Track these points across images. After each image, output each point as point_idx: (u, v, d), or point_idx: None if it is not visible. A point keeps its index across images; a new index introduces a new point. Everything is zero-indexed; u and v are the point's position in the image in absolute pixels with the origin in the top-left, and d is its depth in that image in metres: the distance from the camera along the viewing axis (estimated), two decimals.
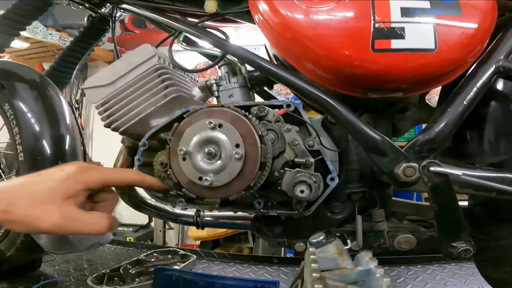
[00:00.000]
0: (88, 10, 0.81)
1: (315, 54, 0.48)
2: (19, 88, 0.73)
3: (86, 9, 0.76)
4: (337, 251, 0.35)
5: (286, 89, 2.15)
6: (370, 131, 0.46)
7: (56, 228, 0.42)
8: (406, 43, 0.44)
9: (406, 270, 0.97)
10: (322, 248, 0.39)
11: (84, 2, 0.74)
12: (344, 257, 0.33)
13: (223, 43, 0.58)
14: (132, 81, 0.60)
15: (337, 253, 0.35)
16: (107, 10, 0.80)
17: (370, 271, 0.29)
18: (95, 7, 0.77)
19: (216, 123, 0.47)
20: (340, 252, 0.35)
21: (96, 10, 0.78)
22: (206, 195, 0.49)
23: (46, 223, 0.42)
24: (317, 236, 0.40)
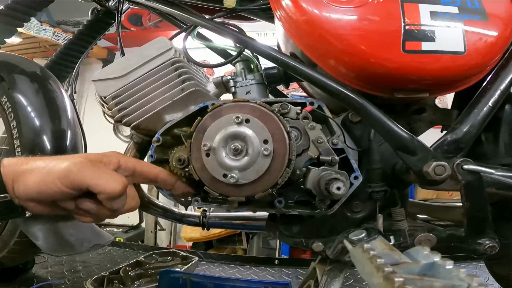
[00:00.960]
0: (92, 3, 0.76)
1: (343, 53, 0.47)
2: (19, 81, 0.67)
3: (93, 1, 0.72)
4: (387, 247, 0.34)
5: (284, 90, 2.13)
6: (400, 129, 0.45)
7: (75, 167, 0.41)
8: (436, 45, 0.45)
9: None
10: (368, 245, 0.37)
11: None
12: (398, 252, 0.31)
13: (244, 39, 0.55)
14: (147, 74, 0.56)
15: (389, 249, 0.33)
16: (114, 3, 0.76)
17: (434, 265, 0.27)
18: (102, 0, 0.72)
19: (243, 118, 0.45)
20: (391, 248, 0.33)
21: (103, 3, 0.73)
22: (230, 193, 0.46)
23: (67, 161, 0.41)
24: (358, 234, 0.38)
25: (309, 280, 0.71)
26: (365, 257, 0.30)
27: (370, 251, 0.30)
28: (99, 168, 0.43)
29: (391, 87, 0.48)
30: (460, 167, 0.41)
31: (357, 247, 0.34)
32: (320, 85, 0.50)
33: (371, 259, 0.28)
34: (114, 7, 0.73)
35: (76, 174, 0.41)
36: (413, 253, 0.30)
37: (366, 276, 0.29)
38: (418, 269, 0.27)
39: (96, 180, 0.41)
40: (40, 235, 0.68)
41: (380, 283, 0.25)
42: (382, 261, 0.27)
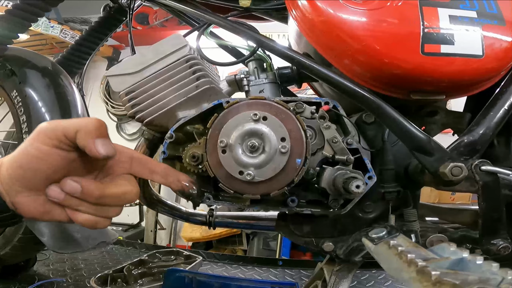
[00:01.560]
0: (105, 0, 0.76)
1: (361, 53, 0.48)
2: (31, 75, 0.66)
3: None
4: (411, 244, 0.33)
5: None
6: (416, 130, 0.45)
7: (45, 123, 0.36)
8: (455, 48, 0.45)
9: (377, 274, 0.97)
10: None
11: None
12: (423, 249, 0.31)
13: (260, 38, 0.55)
14: (162, 70, 0.56)
15: (413, 246, 0.33)
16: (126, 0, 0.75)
17: (463, 260, 0.27)
18: None
19: (260, 115, 0.44)
20: (415, 245, 0.33)
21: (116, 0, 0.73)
22: (245, 190, 0.46)
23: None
24: (378, 232, 0.38)
25: (316, 280, 0.71)
26: (392, 253, 0.29)
27: (398, 247, 0.29)
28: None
29: (408, 88, 0.48)
30: (478, 168, 0.41)
31: (382, 244, 0.34)
32: (336, 85, 0.49)
33: (399, 254, 0.28)
34: (126, 4, 0.73)
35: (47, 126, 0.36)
36: (438, 250, 0.29)
37: (394, 272, 0.29)
38: (447, 264, 0.27)
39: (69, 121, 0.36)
40: (46, 232, 0.67)
41: (413, 277, 0.25)
42: (413, 256, 0.27)
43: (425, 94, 0.47)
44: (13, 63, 0.66)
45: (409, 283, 0.26)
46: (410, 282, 0.26)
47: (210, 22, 0.61)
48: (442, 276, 0.23)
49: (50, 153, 0.36)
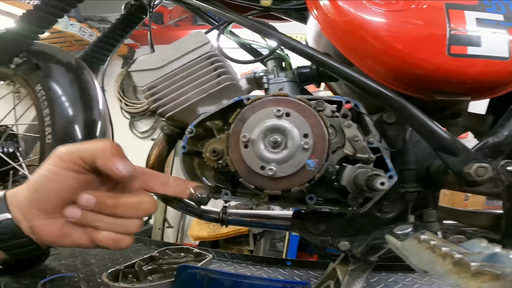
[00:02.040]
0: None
1: (385, 54, 0.48)
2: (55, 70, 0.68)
3: None
4: (440, 240, 0.33)
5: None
6: (441, 130, 0.44)
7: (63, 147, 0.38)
8: (482, 50, 0.45)
9: (387, 277, 0.95)
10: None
11: None
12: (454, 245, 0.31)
13: (281, 37, 0.55)
14: (184, 66, 0.57)
15: (442, 241, 0.32)
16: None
17: (496, 255, 0.26)
18: None
19: (284, 111, 0.44)
20: (444, 241, 0.33)
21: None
22: (266, 186, 0.46)
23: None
24: (404, 228, 0.37)
25: (328, 280, 0.70)
26: (424, 248, 0.29)
27: (430, 241, 0.29)
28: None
29: (432, 89, 0.48)
30: (505, 168, 0.40)
31: (411, 239, 0.33)
32: (358, 85, 0.49)
33: (432, 248, 0.28)
34: (147, 2, 0.74)
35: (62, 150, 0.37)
36: (469, 246, 0.29)
37: (426, 266, 0.28)
38: (481, 259, 0.26)
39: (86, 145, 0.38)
40: None
41: (449, 270, 0.25)
42: (447, 249, 0.26)
43: (449, 95, 0.47)
44: (38, 57, 0.68)
45: (445, 275, 0.26)
46: (446, 274, 0.25)
47: (231, 20, 0.62)
48: (482, 267, 0.23)
49: (65, 175, 0.37)
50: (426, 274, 0.95)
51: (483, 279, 0.22)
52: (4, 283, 0.75)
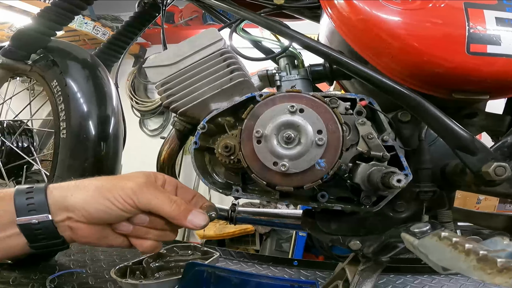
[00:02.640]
0: None
1: (402, 53, 0.47)
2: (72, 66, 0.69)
3: None
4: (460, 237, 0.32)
5: None
6: (460, 129, 0.43)
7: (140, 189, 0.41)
8: (502, 49, 0.44)
9: (395, 279, 0.93)
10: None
11: None
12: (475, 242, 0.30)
13: (294, 34, 0.55)
14: (197, 62, 0.57)
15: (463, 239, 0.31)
16: None
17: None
18: None
19: (297, 107, 0.44)
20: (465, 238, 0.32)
21: None
22: (279, 182, 0.45)
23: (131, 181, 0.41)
24: (422, 226, 0.37)
25: (337, 280, 0.69)
26: (445, 244, 0.29)
27: (452, 238, 0.28)
28: (160, 191, 0.44)
29: (451, 87, 0.47)
30: None
31: (431, 236, 0.33)
32: (374, 83, 0.49)
33: (454, 245, 0.27)
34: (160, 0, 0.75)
35: (143, 194, 0.41)
36: (490, 243, 0.28)
37: (447, 262, 0.28)
38: (504, 255, 0.25)
39: (160, 203, 0.42)
40: None
41: (473, 265, 0.24)
42: (471, 245, 0.26)
43: (468, 93, 0.46)
44: (55, 54, 0.69)
45: (469, 272, 0.25)
46: (470, 270, 0.25)
47: (243, 18, 0.62)
48: (508, 263, 0.22)
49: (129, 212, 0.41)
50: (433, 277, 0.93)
51: (511, 274, 0.22)
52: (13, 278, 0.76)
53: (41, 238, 0.38)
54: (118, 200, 0.40)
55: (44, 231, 0.38)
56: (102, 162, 0.70)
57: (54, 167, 0.69)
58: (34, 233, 0.38)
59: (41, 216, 0.38)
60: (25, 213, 0.37)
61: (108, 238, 0.42)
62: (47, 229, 0.38)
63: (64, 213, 0.39)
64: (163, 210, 0.42)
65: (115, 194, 0.40)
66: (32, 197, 0.38)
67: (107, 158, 0.71)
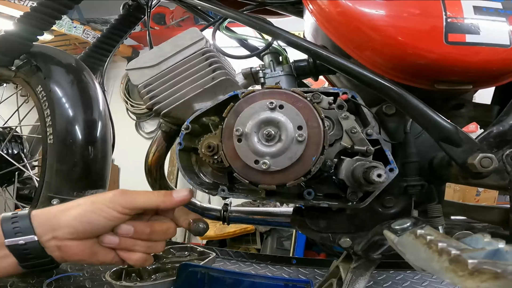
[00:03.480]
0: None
1: (382, 45, 0.46)
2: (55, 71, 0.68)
3: None
4: (439, 235, 0.30)
5: None
6: (443, 120, 0.42)
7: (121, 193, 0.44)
8: (481, 38, 0.43)
9: (395, 275, 0.92)
10: None
11: None
12: (454, 240, 0.28)
13: (276, 30, 0.54)
14: (179, 63, 0.56)
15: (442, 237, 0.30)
16: None
17: (499, 251, 0.24)
18: None
19: (277, 103, 0.43)
20: (444, 236, 0.30)
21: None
22: (261, 180, 0.44)
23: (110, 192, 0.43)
24: (402, 223, 0.35)
25: (331, 278, 0.68)
26: (420, 243, 0.27)
27: (427, 236, 0.27)
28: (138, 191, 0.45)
29: (433, 78, 0.46)
30: (510, 157, 0.38)
31: (408, 234, 0.31)
32: (355, 76, 0.47)
33: (429, 244, 0.25)
34: (145, 2, 0.74)
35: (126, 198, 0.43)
36: (471, 241, 0.27)
37: (422, 263, 0.26)
38: (483, 255, 0.24)
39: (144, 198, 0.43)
40: None
41: (445, 267, 0.22)
42: (444, 244, 0.24)
43: (450, 84, 0.45)
44: (38, 59, 0.68)
45: (441, 274, 0.23)
46: (442, 272, 0.23)
47: (225, 16, 0.61)
48: (480, 265, 0.21)
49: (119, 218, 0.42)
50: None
51: (482, 278, 0.20)
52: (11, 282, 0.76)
53: (30, 257, 0.41)
54: (102, 209, 0.42)
55: (32, 251, 0.40)
56: (91, 165, 0.69)
57: (43, 173, 0.69)
58: (22, 253, 0.40)
59: (27, 237, 0.40)
60: (12, 236, 0.40)
61: (98, 254, 0.43)
62: (35, 249, 0.40)
63: (49, 233, 0.41)
64: (150, 201, 0.44)
65: (98, 205, 0.42)
66: (17, 222, 0.40)
67: (95, 161, 0.70)
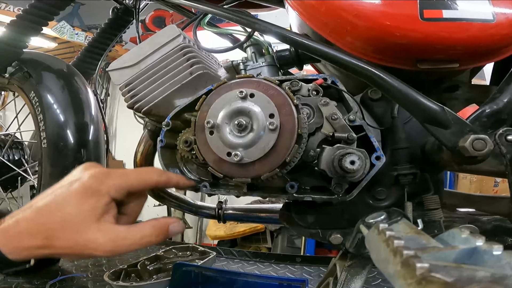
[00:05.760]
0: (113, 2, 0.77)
1: (358, 27, 0.43)
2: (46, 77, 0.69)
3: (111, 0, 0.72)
4: (412, 230, 0.26)
5: None
6: (427, 100, 0.37)
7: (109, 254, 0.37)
8: (460, 13, 0.39)
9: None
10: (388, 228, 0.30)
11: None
12: (427, 236, 0.24)
13: (253, 21, 0.51)
14: (157, 60, 0.54)
15: (414, 232, 0.26)
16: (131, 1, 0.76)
17: (476, 250, 0.20)
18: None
19: (247, 92, 0.40)
20: (417, 232, 0.26)
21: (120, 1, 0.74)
22: (235, 173, 0.41)
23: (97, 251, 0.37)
24: (376, 216, 0.31)
25: (329, 277, 0.63)
26: (381, 240, 0.23)
27: (387, 232, 0.22)
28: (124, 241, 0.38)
29: (414, 58, 0.41)
30: (504, 137, 0.33)
31: (372, 228, 0.27)
32: (334, 61, 0.44)
33: (387, 241, 0.20)
34: (132, 5, 0.73)
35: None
36: (447, 237, 0.22)
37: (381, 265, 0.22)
38: (455, 255, 0.20)
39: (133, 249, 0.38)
40: None
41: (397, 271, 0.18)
42: (401, 242, 0.20)
43: (433, 63, 0.40)
44: (29, 66, 0.69)
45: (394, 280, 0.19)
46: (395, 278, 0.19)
47: (204, 11, 0.59)
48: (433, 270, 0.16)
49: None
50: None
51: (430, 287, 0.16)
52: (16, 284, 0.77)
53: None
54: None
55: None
56: None
57: (40, 176, 0.69)
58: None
59: None
60: None
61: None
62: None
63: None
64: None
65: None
66: None
67: None
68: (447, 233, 0.23)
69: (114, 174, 0.40)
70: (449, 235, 0.23)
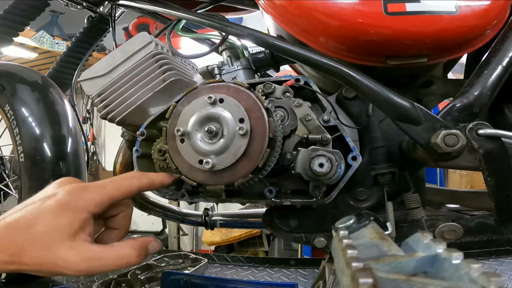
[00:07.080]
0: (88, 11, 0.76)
1: (326, 25, 0.42)
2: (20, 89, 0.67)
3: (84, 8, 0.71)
4: (377, 235, 0.25)
5: None
6: (397, 97, 0.37)
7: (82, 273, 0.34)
8: (423, 6, 0.38)
9: None
10: (355, 233, 0.29)
11: (82, 2, 0.68)
12: (390, 242, 0.23)
13: (225, 25, 0.50)
14: (129, 68, 0.53)
15: (378, 238, 0.25)
16: (106, 9, 0.75)
17: (436, 258, 0.19)
18: (93, 6, 0.71)
19: (216, 97, 0.39)
20: (382, 237, 0.25)
21: (95, 10, 0.72)
22: (208, 181, 0.40)
23: (68, 270, 0.34)
24: (346, 220, 0.30)
25: (319, 280, 0.62)
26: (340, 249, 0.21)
27: (344, 240, 0.21)
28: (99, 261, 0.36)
29: (382, 54, 0.41)
30: (474, 132, 0.32)
31: (335, 235, 0.26)
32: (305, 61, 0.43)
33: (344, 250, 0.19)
34: (107, 13, 0.72)
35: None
36: (412, 242, 0.21)
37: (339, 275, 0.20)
38: (414, 263, 0.18)
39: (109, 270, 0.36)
40: None
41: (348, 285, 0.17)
42: (354, 252, 0.18)
43: (402, 58, 0.40)
44: (3, 78, 0.67)
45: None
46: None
47: (177, 17, 0.58)
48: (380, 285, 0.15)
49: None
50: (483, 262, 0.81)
51: None
52: None
53: None
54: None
55: None
56: None
57: (20, 190, 0.68)
58: None
59: None
60: None
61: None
62: None
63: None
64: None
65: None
66: None
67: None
68: (413, 237, 0.22)
69: (91, 187, 0.37)
70: (414, 240, 0.22)
